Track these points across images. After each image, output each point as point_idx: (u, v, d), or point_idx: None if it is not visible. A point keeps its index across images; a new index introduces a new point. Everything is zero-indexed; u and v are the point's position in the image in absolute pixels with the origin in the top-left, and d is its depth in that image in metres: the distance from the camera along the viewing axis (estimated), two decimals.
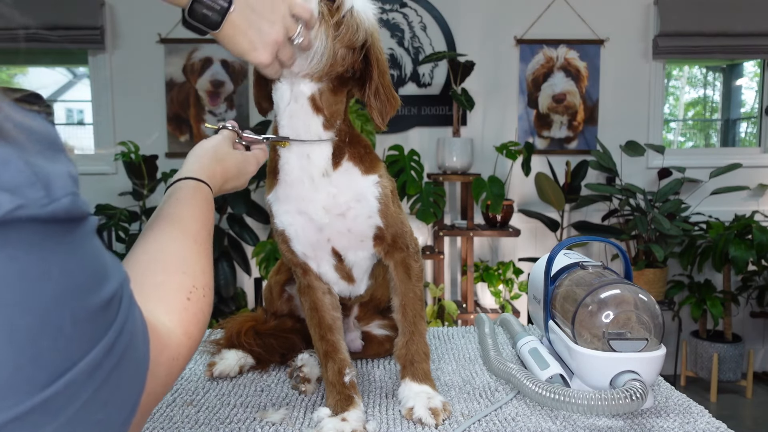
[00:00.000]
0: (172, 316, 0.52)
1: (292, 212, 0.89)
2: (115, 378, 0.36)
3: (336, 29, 0.81)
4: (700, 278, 3.30)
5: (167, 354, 0.47)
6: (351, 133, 0.91)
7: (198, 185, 0.72)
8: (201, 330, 0.56)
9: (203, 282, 0.59)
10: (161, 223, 0.64)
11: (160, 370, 0.45)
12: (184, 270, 0.58)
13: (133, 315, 0.39)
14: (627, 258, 1.00)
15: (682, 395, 0.93)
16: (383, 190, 0.90)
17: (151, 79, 3.30)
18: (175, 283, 0.56)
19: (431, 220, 2.85)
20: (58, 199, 0.31)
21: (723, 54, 3.39)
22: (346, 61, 0.85)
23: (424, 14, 3.36)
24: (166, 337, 0.48)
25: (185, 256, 0.60)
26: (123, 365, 0.37)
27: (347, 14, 0.82)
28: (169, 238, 0.62)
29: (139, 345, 0.40)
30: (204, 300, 0.58)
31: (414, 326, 0.93)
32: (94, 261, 0.35)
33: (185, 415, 0.89)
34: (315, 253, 0.92)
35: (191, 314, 0.55)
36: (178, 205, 0.67)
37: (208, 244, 0.65)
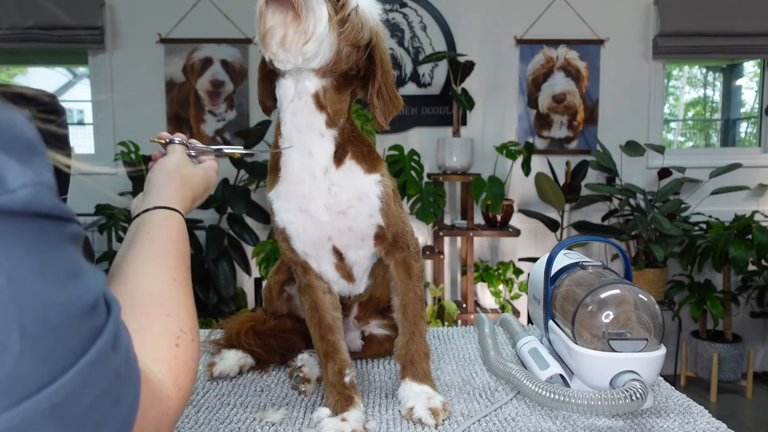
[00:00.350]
0: (161, 366, 0.47)
1: (292, 210, 0.89)
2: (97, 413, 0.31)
3: (341, 26, 0.81)
4: (700, 278, 3.30)
5: (158, 408, 0.43)
6: (354, 132, 0.91)
7: (170, 214, 0.68)
8: (191, 380, 0.50)
9: (190, 325, 0.54)
10: (136, 261, 0.58)
11: (147, 426, 0.40)
12: (167, 312, 0.53)
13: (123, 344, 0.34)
14: (627, 258, 1.00)
15: (682, 395, 0.93)
16: (385, 189, 0.90)
17: (151, 79, 3.30)
18: (161, 327, 0.51)
19: (431, 220, 2.85)
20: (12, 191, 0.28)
21: (723, 54, 3.39)
22: (351, 59, 0.85)
23: (424, 14, 3.36)
24: (158, 389, 0.44)
25: (167, 297, 0.55)
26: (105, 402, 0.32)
27: (352, 12, 0.82)
28: (145, 278, 0.56)
29: (131, 383, 0.35)
30: (193, 345, 0.53)
31: (414, 326, 0.93)
32: (62, 265, 0.31)
33: (185, 415, 0.89)
34: (315, 251, 0.92)
35: (181, 362, 0.50)
36: (152, 240, 0.62)
37: (188, 281, 0.61)
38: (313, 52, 0.79)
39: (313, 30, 0.77)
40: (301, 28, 0.77)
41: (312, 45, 0.78)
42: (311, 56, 0.80)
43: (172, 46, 3.27)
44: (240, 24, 3.25)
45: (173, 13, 3.23)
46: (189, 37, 3.25)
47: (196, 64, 3.30)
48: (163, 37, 3.26)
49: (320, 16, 0.78)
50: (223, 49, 3.28)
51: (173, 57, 3.29)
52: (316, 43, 0.78)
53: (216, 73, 3.31)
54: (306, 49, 0.79)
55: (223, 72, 3.31)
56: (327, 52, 0.81)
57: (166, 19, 3.23)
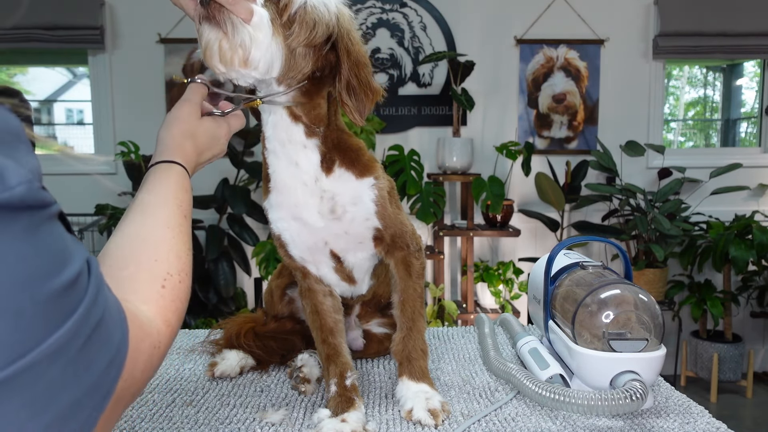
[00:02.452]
0: (149, 306, 0.52)
1: (286, 218, 0.89)
2: (82, 362, 0.36)
3: (287, 28, 0.77)
4: (700, 278, 3.30)
5: (148, 342, 0.47)
6: (339, 139, 0.88)
7: (169, 167, 0.71)
8: (180, 317, 0.56)
9: (178, 267, 0.58)
10: (133, 213, 0.63)
11: (140, 358, 0.45)
12: (156, 258, 0.58)
13: (103, 298, 0.39)
14: (627, 258, 1.00)
15: (682, 395, 0.93)
16: (380, 192, 0.89)
17: (151, 79, 3.30)
18: (147, 272, 0.56)
19: (431, 220, 2.85)
20: (12, 188, 0.32)
21: (723, 54, 3.39)
22: (308, 60, 0.80)
23: (424, 14, 3.36)
24: (147, 325, 0.48)
25: (156, 243, 0.59)
26: (93, 347, 0.37)
27: (299, 11, 0.77)
28: (140, 227, 0.61)
29: (113, 329, 0.40)
30: (180, 286, 0.57)
31: (412, 322, 0.93)
32: (53, 246, 0.35)
33: (185, 416, 0.89)
34: (313, 256, 0.92)
35: (168, 301, 0.55)
36: (149, 191, 0.67)
37: (183, 228, 0.64)
38: (262, 62, 0.76)
39: (251, 41, 0.74)
40: (235, 43, 0.74)
41: (254, 55, 0.75)
42: (262, 68, 0.76)
43: (172, 46, 3.27)
44: None
45: (173, 13, 3.23)
46: (189, 37, 3.25)
47: (196, 64, 3.29)
48: (163, 37, 3.26)
49: (259, 25, 0.74)
50: None
51: (173, 57, 3.29)
52: (258, 53, 0.75)
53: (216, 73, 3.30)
54: (251, 62, 0.75)
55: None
56: (277, 59, 0.77)
57: (166, 19, 3.23)
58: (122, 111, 3.33)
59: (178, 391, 0.99)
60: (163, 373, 1.07)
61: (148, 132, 3.27)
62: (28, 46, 3.13)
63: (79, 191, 3.08)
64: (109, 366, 0.39)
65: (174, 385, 1.02)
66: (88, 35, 3.17)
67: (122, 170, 3.16)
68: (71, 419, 0.36)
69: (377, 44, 3.36)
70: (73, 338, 0.35)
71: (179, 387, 1.01)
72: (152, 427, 0.85)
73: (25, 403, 0.32)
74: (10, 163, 0.33)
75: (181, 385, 1.02)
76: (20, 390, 0.32)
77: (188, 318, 2.93)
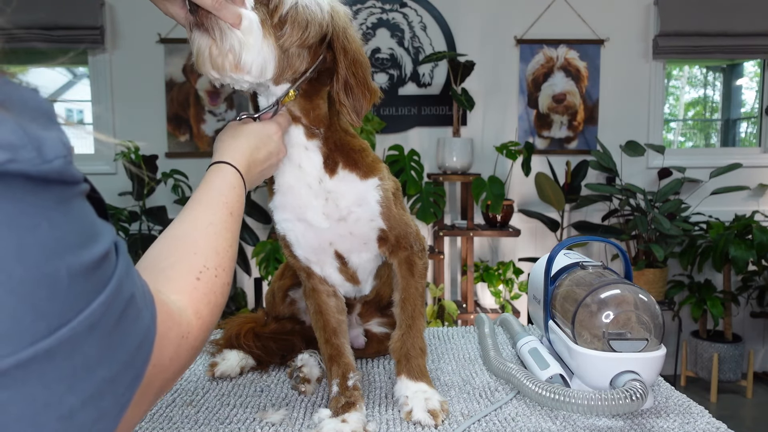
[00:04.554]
0: (181, 296, 0.53)
1: (291, 219, 0.89)
2: (116, 338, 0.37)
3: (279, 29, 0.77)
4: (700, 278, 3.30)
5: (177, 331, 0.48)
6: (341, 140, 0.88)
7: (218, 167, 0.74)
8: (213, 311, 0.56)
9: (216, 262, 0.59)
10: (182, 211, 0.67)
11: (168, 346, 0.46)
12: (194, 251, 0.59)
13: (131, 278, 0.39)
14: (627, 258, 1.00)
15: (682, 395, 0.93)
16: (384, 192, 0.89)
17: (151, 79, 3.30)
18: (184, 264, 0.57)
19: (431, 220, 2.85)
20: (50, 161, 0.33)
21: (723, 54, 3.39)
22: (303, 60, 0.80)
23: (424, 14, 3.36)
24: (177, 315, 0.49)
25: (196, 238, 0.61)
26: (124, 326, 0.37)
27: (291, 11, 0.76)
28: (184, 223, 0.64)
29: (143, 312, 0.40)
30: (216, 280, 0.58)
31: (412, 320, 0.93)
32: (83, 220, 0.36)
33: (185, 416, 0.89)
34: (317, 257, 0.92)
35: (201, 294, 0.55)
36: (199, 191, 0.70)
37: (227, 225, 0.66)
38: (254, 65, 0.75)
39: (240, 45, 0.73)
40: (224, 49, 0.73)
41: (246, 59, 0.74)
42: (255, 71, 0.76)
43: (172, 46, 3.27)
44: None
45: None
46: None
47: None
48: (163, 37, 3.26)
49: (248, 29, 0.74)
50: None
51: (173, 57, 3.29)
52: (249, 56, 0.74)
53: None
54: (243, 66, 0.75)
55: None
56: (270, 61, 0.77)
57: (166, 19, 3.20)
58: (122, 111, 3.33)
59: (178, 391, 0.99)
60: None
61: (148, 132, 3.28)
62: (28, 46, 3.13)
63: None
64: (140, 347, 0.39)
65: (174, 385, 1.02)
66: (88, 35, 3.17)
67: (122, 170, 3.17)
68: (107, 395, 0.36)
69: (377, 44, 3.36)
70: (107, 312, 0.35)
71: (179, 387, 1.01)
72: (152, 427, 0.85)
73: (64, 375, 0.33)
74: (48, 135, 0.33)
75: (181, 385, 1.02)
76: (60, 362, 0.32)
77: None
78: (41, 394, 0.31)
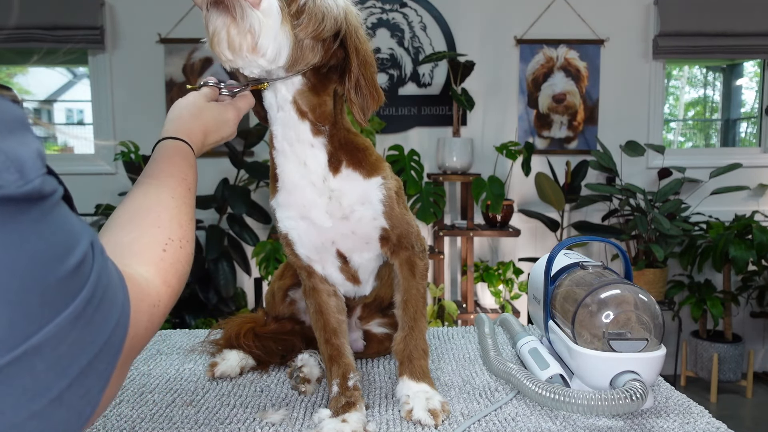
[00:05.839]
0: (148, 267, 0.56)
1: (294, 217, 0.89)
2: (97, 322, 0.40)
3: (296, 18, 0.76)
4: (700, 278, 3.30)
5: (147, 301, 0.51)
6: (345, 138, 0.88)
7: (175, 143, 0.75)
8: (180, 279, 0.59)
9: (180, 234, 0.62)
10: (139, 184, 0.67)
11: (141, 317, 0.48)
12: (158, 224, 0.61)
13: (106, 267, 0.43)
14: (627, 258, 1.00)
15: (682, 395, 0.93)
16: (387, 192, 0.89)
17: (151, 79, 3.30)
18: (149, 237, 0.59)
19: (431, 220, 2.85)
20: (31, 181, 0.35)
21: (723, 54, 3.39)
22: (316, 52, 0.80)
23: (424, 14, 3.36)
24: (145, 285, 0.52)
25: (159, 211, 0.63)
26: (102, 310, 0.41)
27: (308, 2, 0.77)
28: (144, 196, 0.65)
29: (117, 293, 0.44)
30: (181, 251, 0.61)
31: (414, 322, 0.93)
32: (64, 226, 0.38)
33: (185, 416, 0.89)
34: (319, 255, 0.92)
35: (168, 264, 0.58)
36: (155, 164, 0.71)
37: (186, 199, 0.68)
38: (270, 49, 0.74)
39: (260, 26, 0.73)
40: (244, 28, 0.72)
41: (263, 42, 0.73)
42: (270, 55, 0.75)
43: (172, 46, 3.27)
44: None
45: (173, 13, 3.23)
46: (189, 37, 3.25)
47: (196, 64, 3.30)
48: (163, 37, 3.26)
49: (268, 11, 0.73)
50: None
51: (173, 57, 3.29)
52: (266, 40, 0.73)
53: (216, 73, 3.31)
54: (259, 49, 0.74)
55: (223, 72, 3.31)
56: (285, 48, 0.76)
57: (166, 19, 3.23)
58: (122, 111, 3.33)
59: (178, 391, 0.99)
60: (163, 373, 1.08)
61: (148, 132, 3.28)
62: (28, 46, 3.13)
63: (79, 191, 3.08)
64: (117, 324, 0.43)
65: (174, 385, 1.02)
66: (88, 35, 3.17)
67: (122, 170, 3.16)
68: (91, 373, 0.40)
69: (377, 44, 3.36)
70: (88, 304, 0.39)
71: (179, 387, 1.01)
72: (152, 427, 0.85)
73: (51, 364, 0.36)
74: (27, 153, 0.35)
75: (181, 385, 1.02)
76: (48, 353, 0.36)
77: (188, 318, 2.93)
78: (32, 384, 0.35)
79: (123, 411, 0.91)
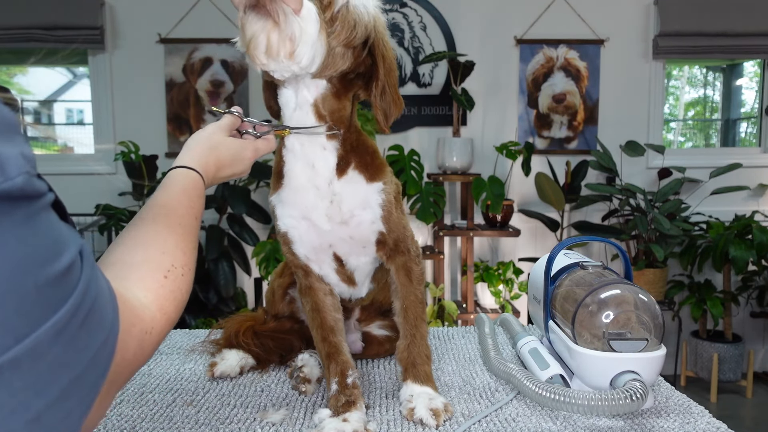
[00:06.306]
0: (147, 293, 0.55)
1: (296, 217, 0.89)
2: (81, 340, 0.38)
3: (330, 26, 0.77)
4: (700, 278, 3.30)
5: (140, 327, 0.49)
6: (357, 141, 0.89)
7: (187, 173, 0.75)
8: (177, 307, 0.58)
9: (182, 262, 0.62)
10: (148, 209, 0.68)
11: (131, 342, 0.47)
12: (163, 251, 0.61)
13: (96, 281, 0.41)
14: (627, 258, 1.00)
15: (682, 395, 0.93)
16: (387, 197, 0.89)
17: (151, 79, 3.30)
18: (154, 263, 0.59)
19: (431, 220, 2.85)
20: (12, 179, 0.33)
21: (723, 54, 3.39)
22: (346, 59, 0.81)
23: (424, 14, 3.36)
24: (140, 311, 0.51)
25: (166, 238, 0.63)
26: (89, 326, 0.39)
27: (342, 9, 0.77)
28: (153, 222, 0.65)
29: (106, 311, 0.42)
30: (182, 279, 0.61)
31: (415, 329, 0.93)
32: (49, 233, 0.37)
33: (185, 416, 0.89)
34: (317, 256, 0.92)
35: (167, 291, 0.57)
36: (166, 192, 0.71)
37: (192, 228, 0.69)
38: (306, 56, 0.75)
39: (300, 34, 0.73)
40: (285, 34, 0.72)
41: (301, 49, 0.74)
42: (305, 62, 0.76)
43: (172, 46, 3.27)
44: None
45: (173, 13, 3.23)
46: (189, 37, 3.25)
47: (196, 64, 3.30)
48: (163, 37, 3.26)
49: (307, 17, 0.73)
50: (223, 49, 3.28)
51: (173, 57, 3.29)
52: (305, 47, 0.74)
53: (216, 73, 3.31)
54: (297, 56, 0.74)
55: (223, 72, 3.31)
56: (319, 55, 0.77)
57: (166, 19, 3.23)
58: (122, 111, 3.33)
59: (178, 391, 0.99)
60: (163, 373, 1.08)
61: (148, 132, 3.28)
62: (28, 46, 3.13)
63: (79, 191, 3.08)
64: (104, 345, 0.41)
65: (174, 385, 1.02)
66: (88, 35, 3.17)
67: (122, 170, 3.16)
68: (72, 396, 0.38)
69: None
70: (72, 318, 0.37)
71: (179, 387, 1.01)
72: (152, 427, 0.85)
73: (30, 382, 0.34)
74: (10, 152, 0.34)
75: (181, 385, 1.02)
76: (26, 369, 0.34)
77: (188, 318, 2.93)
78: (8, 402, 0.33)
79: (123, 411, 0.91)
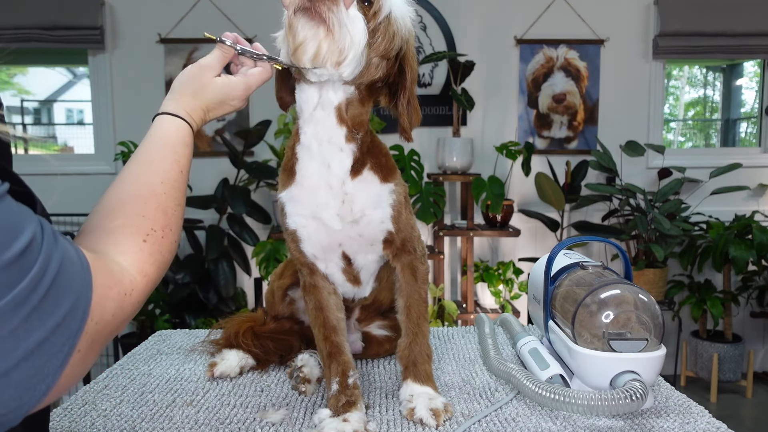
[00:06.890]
0: (126, 257, 0.56)
1: (306, 215, 0.89)
2: (45, 309, 0.41)
3: (372, 37, 0.77)
4: (700, 278, 3.30)
5: (117, 289, 0.51)
6: (372, 143, 0.89)
7: (173, 120, 0.73)
8: (159, 268, 0.59)
9: (163, 223, 0.62)
10: (132, 164, 0.66)
11: (109, 304, 0.49)
12: (143, 213, 0.61)
13: (60, 253, 0.43)
14: (627, 258, 1.00)
15: (682, 395, 0.93)
16: (397, 197, 0.90)
17: (151, 79, 3.30)
18: (132, 227, 0.59)
19: (431, 220, 2.85)
20: None
21: (723, 54, 3.39)
22: (379, 69, 0.82)
23: (424, 14, 3.36)
24: (119, 274, 0.52)
25: (147, 199, 0.62)
26: (53, 295, 0.42)
27: (384, 21, 0.78)
28: (133, 181, 0.64)
29: (73, 280, 0.44)
30: (163, 241, 0.61)
31: (418, 327, 0.93)
32: (5, 220, 0.39)
33: (185, 416, 0.89)
34: (324, 254, 0.92)
35: (147, 255, 0.58)
36: (150, 143, 0.69)
37: (177, 183, 0.67)
38: (350, 66, 0.76)
39: (350, 46, 0.74)
40: (336, 45, 0.73)
41: (349, 59, 0.75)
42: (347, 73, 0.77)
43: (172, 46, 3.27)
44: (240, 24, 3.25)
45: (173, 13, 3.23)
46: (189, 37, 3.25)
47: None
48: (163, 37, 3.26)
49: (357, 28, 0.74)
50: None
51: (173, 57, 3.29)
52: (352, 56, 0.75)
53: None
54: (343, 66, 0.75)
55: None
56: (360, 66, 0.77)
57: (166, 19, 3.23)
58: (122, 111, 3.33)
59: (178, 391, 0.99)
60: (163, 373, 1.08)
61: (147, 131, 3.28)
62: (28, 46, 3.13)
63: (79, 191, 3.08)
64: (73, 309, 0.44)
65: (174, 385, 1.02)
66: (88, 35, 3.17)
67: None
68: (41, 354, 0.41)
69: None
70: (32, 293, 0.40)
71: (179, 387, 1.01)
72: (152, 427, 0.85)
73: None
74: None
75: (181, 385, 1.02)
76: None
77: (188, 318, 2.93)
78: None
79: (123, 411, 0.91)
